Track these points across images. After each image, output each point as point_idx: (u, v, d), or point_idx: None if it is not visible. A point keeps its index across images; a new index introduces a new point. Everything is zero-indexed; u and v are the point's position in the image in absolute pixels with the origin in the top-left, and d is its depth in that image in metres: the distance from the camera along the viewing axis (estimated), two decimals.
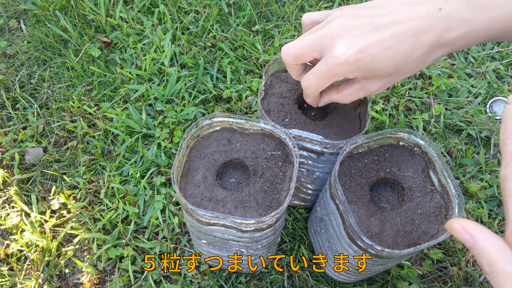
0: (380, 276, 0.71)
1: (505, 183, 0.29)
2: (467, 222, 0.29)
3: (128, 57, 1.01)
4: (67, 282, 0.73)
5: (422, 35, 0.40)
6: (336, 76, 0.44)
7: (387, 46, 0.41)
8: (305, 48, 0.46)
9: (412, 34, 0.40)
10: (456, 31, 0.40)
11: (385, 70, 0.43)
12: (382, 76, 0.44)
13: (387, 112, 0.91)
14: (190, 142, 0.57)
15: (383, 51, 0.41)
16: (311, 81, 0.48)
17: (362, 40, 0.41)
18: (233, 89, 0.94)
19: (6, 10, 1.14)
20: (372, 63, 0.42)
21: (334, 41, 0.43)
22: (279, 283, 0.71)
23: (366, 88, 0.48)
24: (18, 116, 0.93)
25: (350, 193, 0.55)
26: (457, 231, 0.29)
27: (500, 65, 1.00)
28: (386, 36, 0.41)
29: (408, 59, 0.42)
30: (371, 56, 0.41)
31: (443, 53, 0.43)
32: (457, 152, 0.86)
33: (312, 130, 0.59)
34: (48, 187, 0.84)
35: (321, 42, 0.44)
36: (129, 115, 0.90)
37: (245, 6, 1.11)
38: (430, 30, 0.40)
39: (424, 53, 0.41)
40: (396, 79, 0.46)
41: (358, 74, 0.44)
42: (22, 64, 1.03)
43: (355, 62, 0.42)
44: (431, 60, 0.43)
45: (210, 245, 0.60)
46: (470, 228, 0.29)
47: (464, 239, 0.29)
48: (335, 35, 0.43)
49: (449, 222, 0.30)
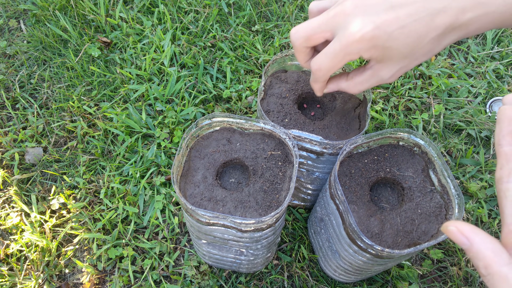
0: (380, 276, 0.71)
1: (500, 185, 0.29)
2: (463, 224, 0.29)
3: (128, 57, 1.01)
4: (67, 282, 0.73)
5: (437, 16, 0.40)
6: (350, 54, 0.42)
7: (402, 24, 0.40)
8: (316, 28, 0.44)
9: (427, 14, 0.40)
10: (471, 13, 0.39)
11: (400, 50, 0.41)
12: (397, 58, 0.43)
13: (387, 112, 0.91)
14: (190, 142, 0.57)
15: (399, 30, 0.40)
16: (323, 62, 0.44)
17: (378, 17, 0.40)
18: (233, 89, 0.94)
19: (6, 10, 1.14)
20: (388, 41, 0.40)
21: (348, 19, 0.41)
22: (279, 283, 0.71)
23: (378, 75, 0.45)
24: (18, 116, 0.93)
25: (350, 193, 0.55)
26: (453, 234, 0.29)
27: (500, 65, 1.00)
28: (401, 14, 0.40)
29: (423, 40, 0.41)
30: (387, 34, 0.40)
31: (457, 36, 0.42)
32: (457, 152, 0.86)
33: (311, 130, 0.59)
34: (48, 187, 0.84)
35: (334, 21, 0.43)
36: (129, 115, 0.90)
37: (245, 6, 1.11)
38: (445, 12, 0.39)
39: (439, 35, 0.41)
40: (409, 65, 0.44)
41: (373, 54, 0.42)
42: (22, 64, 1.03)
43: (372, 39, 0.40)
44: (444, 43, 0.42)
45: (210, 245, 0.60)
46: (466, 230, 0.29)
47: (460, 241, 0.29)
48: (349, 13, 0.41)
49: (445, 225, 0.30)
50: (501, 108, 0.31)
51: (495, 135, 0.31)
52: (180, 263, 0.74)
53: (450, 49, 1.05)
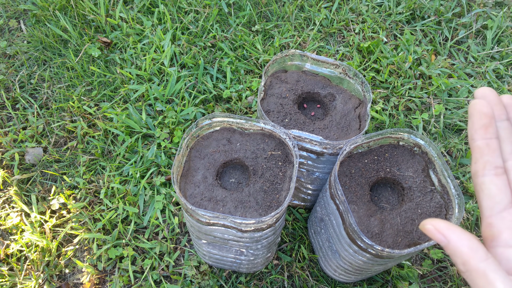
0: (380, 276, 0.71)
1: (476, 179, 0.29)
2: (439, 222, 0.29)
3: (128, 57, 1.01)
4: (67, 282, 0.73)
5: None
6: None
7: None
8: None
9: None
10: None
11: None
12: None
13: (387, 112, 0.91)
14: (190, 142, 0.57)
15: None
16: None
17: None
18: (233, 89, 0.94)
19: (6, 10, 1.14)
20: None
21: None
22: (279, 283, 0.71)
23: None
24: (18, 116, 0.93)
25: (350, 193, 0.55)
26: (430, 232, 0.29)
27: (500, 65, 1.00)
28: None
29: None
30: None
31: None
32: (457, 152, 0.86)
33: (311, 130, 0.59)
34: (48, 187, 0.84)
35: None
36: (129, 115, 0.90)
37: (245, 6, 1.11)
38: None
39: None
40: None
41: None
42: (22, 64, 1.03)
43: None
44: None
45: (210, 245, 0.60)
46: (442, 228, 0.29)
47: (438, 239, 0.29)
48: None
49: (422, 223, 0.30)
50: (472, 102, 0.30)
51: (468, 129, 0.31)
52: (180, 263, 0.74)
53: (450, 49, 1.05)
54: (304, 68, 0.68)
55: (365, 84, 0.62)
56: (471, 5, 1.13)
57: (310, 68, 0.68)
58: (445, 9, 1.12)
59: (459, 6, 1.13)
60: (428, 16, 1.11)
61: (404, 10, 1.12)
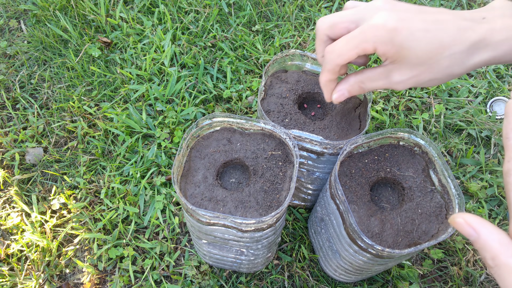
0: (380, 276, 0.71)
1: (508, 177, 0.29)
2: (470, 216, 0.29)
3: (128, 57, 1.01)
4: (67, 282, 0.73)
5: (465, 32, 0.39)
6: (367, 42, 0.40)
7: (428, 27, 0.39)
8: (343, 17, 0.43)
9: (454, 27, 0.39)
10: (500, 34, 0.39)
11: (418, 54, 0.40)
12: (412, 63, 0.40)
13: (387, 112, 0.91)
14: (190, 142, 0.57)
15: (423, 32, 0.39)
16: (336, 44, 0.42)
17: (405, 14, 0.39)
18: (233, 89, 0.94)
19: (6, 10, 1.15)
20: (407, 39, 0.39)
21: (375, 12, 0.41)
22: (279, 283, 0.71)
23: (389, 76, 0.43)
24: (19, 116, 0.93)
25: (350, 193, 0.55)
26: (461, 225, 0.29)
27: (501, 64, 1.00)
28: (429, 19, 0.39)
29: (445, 50, 0.39)
30: (409, 31, 0.39)
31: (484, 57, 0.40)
32: (457, 152, 0.86)
33: (312, 130, 0.59)
34: (48, 187, 0.84)
35: (361, 13, 0.42)
36: (129, 115, 0.90)
37: (245, 6, 1.11)
38: (473, 30, 0.39)
39: (463, 51, 0.39)
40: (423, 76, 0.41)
41: (389, 50, 0.40)
42: (22, 64, 1.03)
43: (392, 31, 0.39)
44: (469, 63, 0.40)
45: (210, 245, 0.60)
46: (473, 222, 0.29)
47: (468, 233, 0.29)
48: (378, 7, 0.41)
49: (453, 217, 0.31)
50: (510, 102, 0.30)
51: (503, 128, 0.31)
52: (180, 263, 0.74)
53: None
54: (305, 68, 0.68)
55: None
56: (471, 5, 1.13)
57: (311, 68, 0.68)
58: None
59: (459, 6, 1.13)
60: None
61: None
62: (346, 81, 0.47)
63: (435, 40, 0.39)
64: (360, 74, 0.46)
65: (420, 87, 0.51)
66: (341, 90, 0.47)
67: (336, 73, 0.46)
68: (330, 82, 0.47)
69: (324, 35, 0.45)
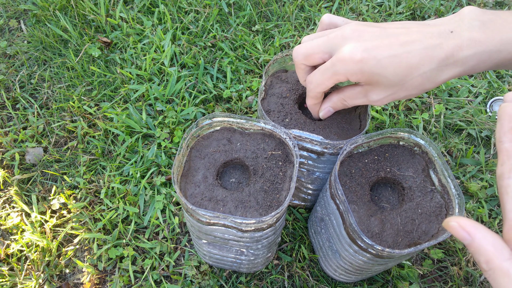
0: (380, 276, 0.71)
1: (501, 181, 0.29)
2: (464, 220, 0.29)
3: (128, 57, 1.01)
4: (67, 282, 0.73)
5: (432, 50, 0.40)
6: (338, 74, 0.44)
7: (394, 53, 0.40)
8: (316, 48, 0.46)
9: (422, 47, 0.40)
10: (468, 50, 0.40)
11: (389, 78, 0.42)
12: (385, 85, 0.43)
13: (387, 111, 0.91)
14: (190, 142, 0.57)
15: (390, 58, 0.40)
16: (314, 75, 0.48)
17: (371, 43, 0.41)
18: (233, 89, 0.94)
19: (6, 10, 1.15)
20: (376, 68, 0.41)
21: (343, 42, 0.43)
22: (279, 283, 0.71)
23: (367, 95, 0.47)
24: (18, 116, 0.93)
25: (350, 193, 0.55)
26: (455, 229, 0.30)
27: None
28: (395, 43, 0.41)
29: (414, 71, 0.41)
30: (376, 60, 0.41)
31: (453, 73, 0.42)
32: (457, 152, 0.86)
33: (312, 130, 0.59)
34: (48, 187, 0.84)
35: (332, 43, 0.45)
36: (129, 115, 0.90)
37: (245, 6, 1.11)
38: (441, 47, 0.40)
39: (432, 69, 0.41)
40: (398, 94, 0.45)
41: (360, 78, 0.43)
42: (22, 64, 1.03)
43: (359, 62, 0.41)
44: (439, 79, 0.42)
45: (210, 245, 0.60)
46: (467, 226, 0.29)
47: (462, 237, 0.29)
48: (346, 36, 0.43)
49: (447, 220, 0.31)
50: (502, 106, 0.31)
51: (496, 132, 0.31)
52: (180, 263, 0.74)
53: None
54: None
55: None
56: (470, 5, 1.13)
57: None
58: (446, 8, 1.12)
59: (459, 6, 1.13)
60: (429, 16, 1.11)
61: (404, 10, 1.12)
62: (330, 100, 0.53)
63: (403, 64, 0.41)
64: (341, 92, 0.51)
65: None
66: (326, 108, 0.54)
67: (319, 98, 0.53)
68: (316, 105, 0.55)
69: (302, 64, 0.50)
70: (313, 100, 0.53)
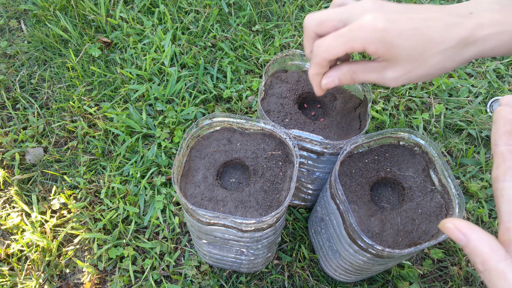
0: (380, 276, 0.71)
1: (496, 184, 0.30)
2: (460, 221, 0.30)
3: (128, 57, 1.01)
4: (67, 282, 0.73)
5: (453, 28, 0.39)
6: (355, 41, 0.40)
7: (416, 26, 0.39)
8: (331, 15, 0.43)
9: (442, 25, 0.39)
10: (488, 29, 0.39)
11: (409, 51, 0.40)
12: (404, 60, 0.41)
13: (387, 111, 0.91)
14: (191, 142, 0.57)
15: (411, 30, 0.39)
16: (325, 40, 0.43)
17: (393, 14, 0.40)
18: (233, 89, 0.94)
19: (6, 10, 1.15)
20: (397, 38, 0.39)
21: (363, 12, 0.41)
22: (279, 283, 0.71)
23: (382, 71, 0.43)
24: (19, 116, 0.93)
25: (350, 192, 0.55)
26: (450, 231, 0.30)
27: (501, 64, 1.00)
28: (417, 17, 0.40)
29: (435, 47, 0.40)
30: (398, 31, 0.39)
31: (473, 52, 0.41)
32: (457, 152, 0.86)
33: (312, 130, 0.59)
34: (48, 187, 0.84)
35: (349, 12, 0.42)
36: (129, 115, 0.90)
37: (245, 6, 1.11)
38: (461, 26, 0.39)
39: (452, 47, 0.40)
40: (416, 72, 0.42)
41: (379, 49, 0.40)
42: (23, 64, 1.03)
43: (381, 31, 0.39)
44: (458, 59, 0.41)
45: (210, 245, 0.60)
46: (463, 227, 0.29)
47: (458, 238, 0.29)
48: (366, 8, 0.41)
49: (442, 222, 0.31)
50: (497, 109, 0.31)
51: (491, 135, 0.31)
52: (180, 263, 0.74)
53: None
54: (305, 68, 0.68)
55: (365, 84, 0.62)
56: None
57: None
58: None
59: None
60: None
61: None
62: (339, 69, 0.47)
63: (424, 37, 0.40)
64: (354, 63, 0.46)
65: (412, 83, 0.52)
66: (332, 76, 0.47)
67: (324, 67, 0.46)
68: (318, 75, 0.47)
69: (312, 32, 0.45)
70: (317, 69, 0.46)
